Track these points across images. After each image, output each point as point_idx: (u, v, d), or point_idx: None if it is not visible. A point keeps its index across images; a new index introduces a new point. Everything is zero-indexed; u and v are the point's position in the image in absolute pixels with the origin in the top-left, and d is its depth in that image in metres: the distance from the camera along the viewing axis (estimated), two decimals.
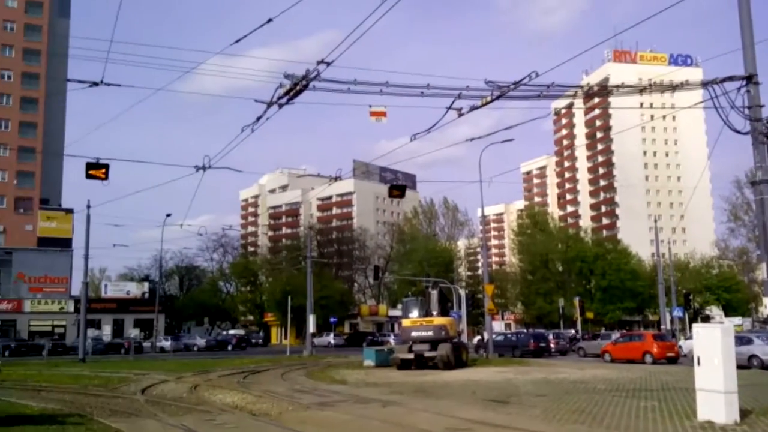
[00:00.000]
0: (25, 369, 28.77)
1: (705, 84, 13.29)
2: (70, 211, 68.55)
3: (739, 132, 12.95)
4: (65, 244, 68.60)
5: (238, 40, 12.76)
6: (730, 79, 12.87)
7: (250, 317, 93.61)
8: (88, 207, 40.04)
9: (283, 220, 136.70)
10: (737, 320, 60.23)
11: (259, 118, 13.28)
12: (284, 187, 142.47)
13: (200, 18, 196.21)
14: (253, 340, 71.58)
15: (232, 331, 77.08)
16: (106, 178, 16.99)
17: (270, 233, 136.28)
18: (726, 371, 10.80)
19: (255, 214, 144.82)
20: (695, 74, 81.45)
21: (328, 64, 11.04)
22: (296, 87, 11.62)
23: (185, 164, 18.55)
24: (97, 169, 17.02)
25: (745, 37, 13.12)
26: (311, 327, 46.97)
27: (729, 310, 74.90)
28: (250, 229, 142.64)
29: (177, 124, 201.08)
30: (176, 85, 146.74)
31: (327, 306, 71.23)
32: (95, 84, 15.30)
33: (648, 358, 31.28)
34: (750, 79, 12.85)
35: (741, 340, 24.80)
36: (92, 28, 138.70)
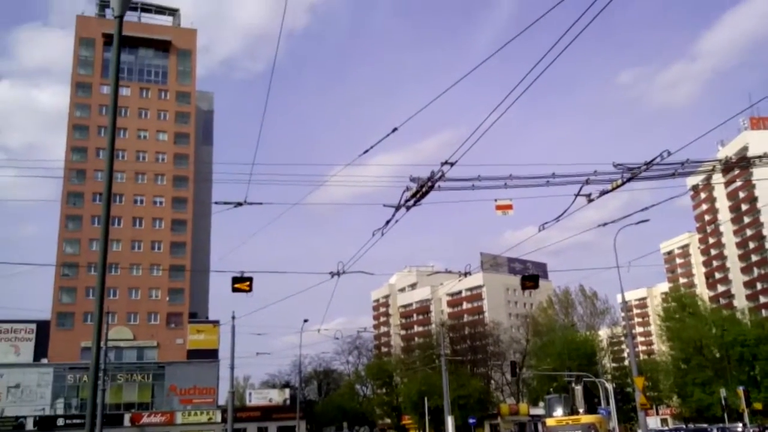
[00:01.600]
0: None
1: None
2: (216, 323, 72.33)
3: None
4: (212, 355, 72.06)
5: (366, 151, 13.37)
6: None
7: (387, 420, 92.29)
8: (233, 318, 41.94)
9: (414, 318, 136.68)
10: None
11: (388, 222, 13.64)
12: (413, 285, 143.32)
13: (328, 131, 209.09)
14: None
15: None
16: (251, 290, 17.95)
17: (402, 332, 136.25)
18: None
19: (386, 314, 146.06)
20: None
21: (452, 164, 11.27)
22: (422, 189, 11.90)
23: (321, 271, 19.38)
24: (242, 282, 18.06)
25: None
26: (450, 429, 45.51)
27: None
28: (383, 329, 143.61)
29: (312, 234, 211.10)
30: (310, 197, 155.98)
31: (465, 406, 68.93)
32: (239, 204, 16.46)
33: None
34: None
35: None
36: (233, 151, 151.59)
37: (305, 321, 67.24)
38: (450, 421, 45.15)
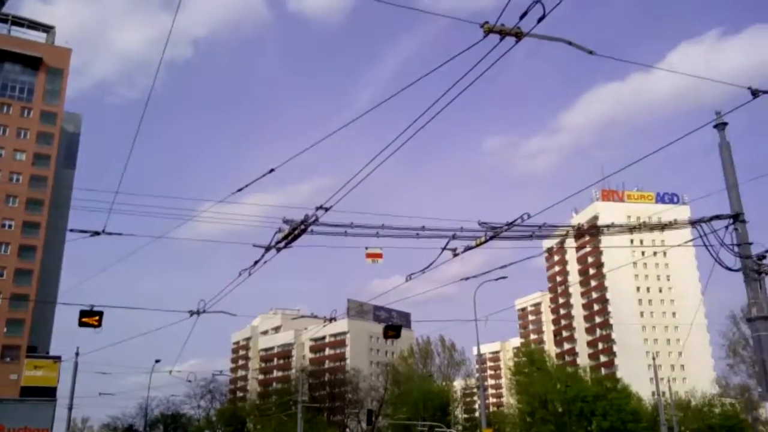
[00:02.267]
0: None
1: (693, 223, 13.67)
2: (57, 359, 66.76)
3: (729, 269, 13.15)
4: (50, 393, 66.10)
5: (240, 189, 13.17)
6: (717, 218, 13.26)
7: None
8: (77, 355, 39.11)
9: (275, 362, 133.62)
10: None
11: (256, 262, 13.41)
12: (277, 329, 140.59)
13: (202, 167, 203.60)
14: None
15: None
16: (99, 325, 16.87)
17: (261, 377, 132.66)
18: None
19: (246, 357, 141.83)
20: (683, 212, 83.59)
21: (327, 209, 11.36)
22: (294, 231, 11.87)
23: (180, 309, 18.61)
24: (90, 317, 16.95)
25: (728, 178, 13.68)
26: None
27: None
28: (240, 373, 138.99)
29: (175, 270, 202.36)
30: (176, 232, 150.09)
31: None
32: (97, 233, 15.54)
33: None
34: (736, 217, 13.24)
35: None
36: (97, 178, 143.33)
37: (157, 361, 63.46)
38: None
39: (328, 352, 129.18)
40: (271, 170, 12.29)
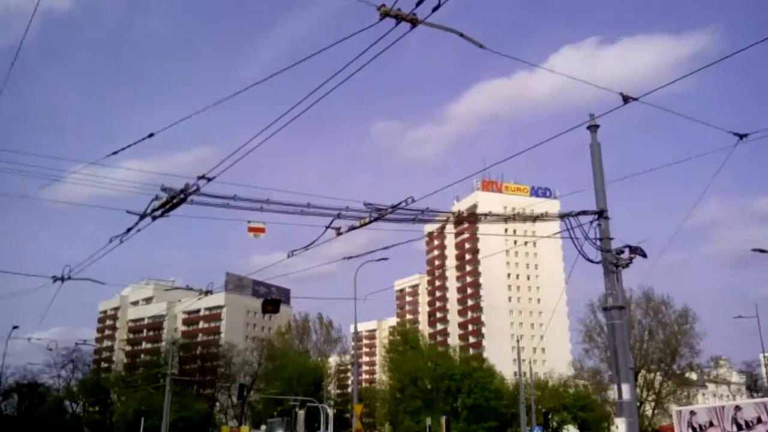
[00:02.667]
0: None
1: (562, 216, 14.50)
2: None
3: (591, 261, 14.12)
4: None
5: (116, 152, 12.46)
6: (584, 213, 14.16)
7: None
8: None
9: (145, 333, 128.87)
10: None
11: (129, 230, 12.79)
12: (149, 300, 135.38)
13: (76, 126, 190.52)
14: None
15: None
16: None
17: (128, 348, 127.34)
18: None
19: (113, 327, 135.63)
20: (554, 206, 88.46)
21: (209, 179, 11.00)
22: (173, 200, 11.40)
23: (43, 274, 17.30)
24: None
25: (596, 176, 14.63)
26: None
27: (584, 429, 77.74)
28: (107, 343, 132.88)
29: (39, 232, 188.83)
30: (43, 192, 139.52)
31: (185, 428, 66.46)
32: None
33: None
34: (601, 214, 14.21)
35: None
36: None
37: (15, 327, 59.60)
38: None
39: (202, 325, 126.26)
40: (151, 135, 11.73)
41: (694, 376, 76.25)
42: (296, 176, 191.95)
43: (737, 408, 25.15)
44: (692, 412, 27.80)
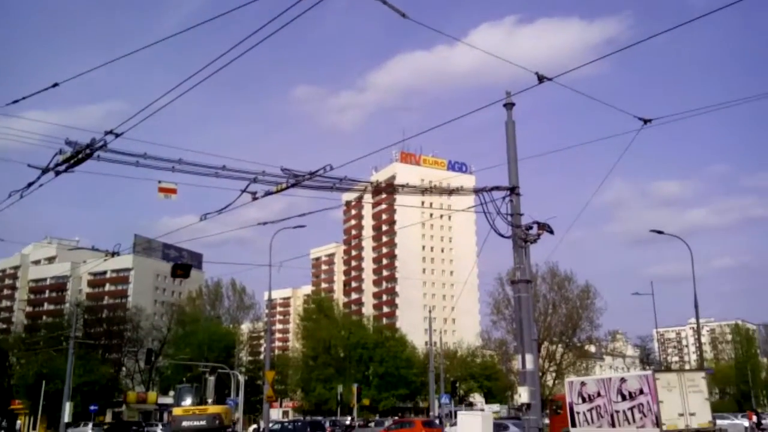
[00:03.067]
0: None
1: (476, 191, 14.85)
2: None
3: (502, 236, 14.57)
4: None
5: (16, 101, 11.69)
6: (497, 188, 14.55)
7: None
8: None
9: (47, 294, 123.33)
10: (496, 407, 65.28)
11: (30, 184, 12.11)
12: (51, 259, 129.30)
13: None
14: None
15: None
16: None
17: (29, 309, 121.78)
18: None
19: (13, 287, 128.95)
20: (469, 181, 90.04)
21: (117, 135, 10.54)
22: (78, 155, 10.86)
23: None
24: None
25: (510, 153, 15.02)
26: (67, 415, 42.00)
27: (489, 397, 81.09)
28: (5, 303, 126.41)
29: None
30: None
31: (90, 392, 64.41)
32: None
33: None
34: (513, 190, 14.64)
35: (498, 426, 26.79)
36: None
37: None
38: (68, 407, 41.67)
39: (108, 288, 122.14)
40: (55, 84, 11.07)
41: (592, 348, 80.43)
42: (212, 138, 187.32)
43: (622, 380, 26.94)
44: (583, 383, 29.65)
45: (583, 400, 28.22)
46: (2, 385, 78.01)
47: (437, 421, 43.39)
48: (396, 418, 53.69)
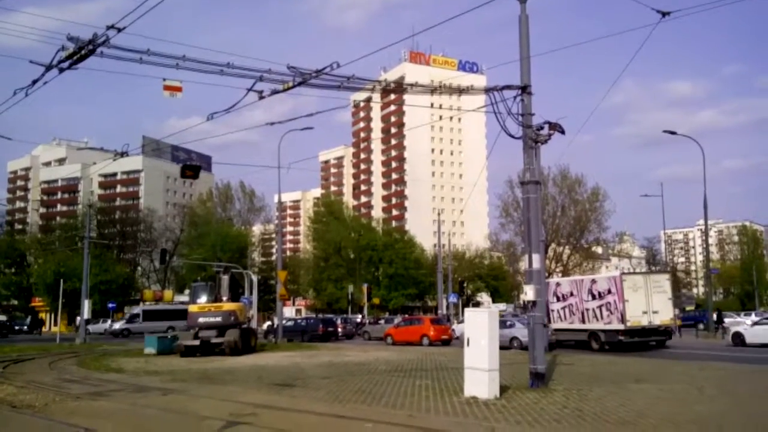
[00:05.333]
0: None
1: (487, 90, 14.49)
2: None
3: (513, 136, 14.35)
4: None
5: None
6: (509, 87, 14.18)
7: (15, 302, 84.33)
8: None
9: (59, 196, 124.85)
10: (502, 306, 66.97)
11: (35, 82, 11.93)
12: (61, 161, 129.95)
13: None
14: (17, 327, 64.55)
15: None
16: None
17: (42, 210, 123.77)
18: (491, 351, 11.97)
19: (25, 188, 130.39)
20: (480, 81, 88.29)
21: (120, 30, 10.21)
22: (81, 51, 10.59)
23: None
24: None
25: (522, 50, 14.54)
26: (86, 313, 43.52)
27: (496, 297, 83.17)
28: (19, 204, 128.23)
29: None
30: None
31: (107, 291, 66.56)
32: None
33: (425, 341, 33.57)
34: (524, 89, 14.28)
35: (504, 323, 27.58)
36: None
37: None
38: (86, 305, 43.09)
39: (119, 189, 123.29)
40: None
41: (599, 249, 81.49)
42: (214, 39, 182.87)
43: (593, 281, 29.00)
44: (558, 284, 31.26)
45: (558, 299, 29.92)
46: (22, 284, 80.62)
47: (445, 319, 44.70)
48: (405, 316, 55.30)
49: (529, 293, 13.92)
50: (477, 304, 78.97)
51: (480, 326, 12.16)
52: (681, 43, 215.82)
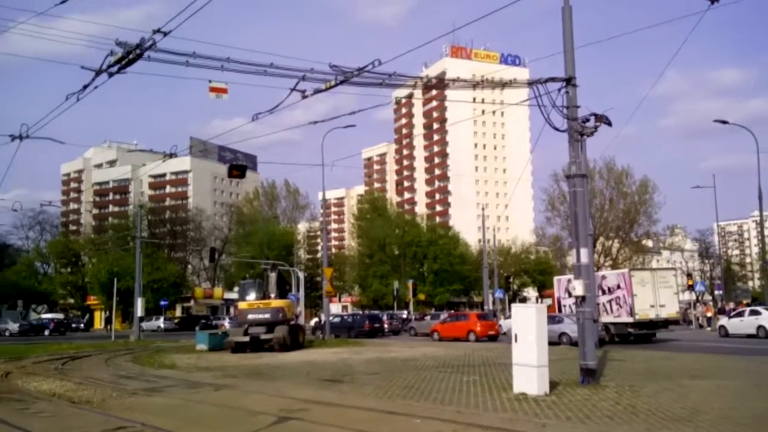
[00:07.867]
0: None
1: (530, 83, 14.31)
2: None
3: (557, 129, 14.13)
4: None
5: (63, 1, 11.66)
6: (553, 80, 13.97)
7: (71, 300, 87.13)
8: None
9: (111, 197, 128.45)
10: (549, 301, 65.96)
11: (86, 86, 12.28)
12: (112, 163, 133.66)
13: None
14: (74, 325, 66.68)
15: (49, 315, 71.14)
16: None
17: (95, 211, 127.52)
18: (539, 347, 11.84)
19: (78, 190, 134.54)
20: (522, 74, 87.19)
21: (165, 33, 10.43)
22: (129, 55, 10.87)
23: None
24: None
25: (566, 42, 14.30)
26: (139, 310, 44.66)
27: (543, 292, 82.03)
28: (72, 206, 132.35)
29: None
30: None
31: (158, 289, 68.18)
32: None
33: (471, 336, 33.42)
34: (569, 81, 14.05)
35: (553, 319, 27.24)
36: None
37: None
38: (140, 302, 44.24)
39: (169, 190, 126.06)
40: None
41: (650, 243, 79.63)
42: (258, 37, 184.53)
43: (603, 277, 30.01)
44: (569, 280, 30.96)
45: (569, 295, 29.96)
46: (77, 283, 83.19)
47: (491, 315, 44.38)
48: (452, 311, 55.08)
49: (578, 288, 13.71)
50: (523, 300, 78.13)
51: (527, 322, 12.04)
52: (726, 32, 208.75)
